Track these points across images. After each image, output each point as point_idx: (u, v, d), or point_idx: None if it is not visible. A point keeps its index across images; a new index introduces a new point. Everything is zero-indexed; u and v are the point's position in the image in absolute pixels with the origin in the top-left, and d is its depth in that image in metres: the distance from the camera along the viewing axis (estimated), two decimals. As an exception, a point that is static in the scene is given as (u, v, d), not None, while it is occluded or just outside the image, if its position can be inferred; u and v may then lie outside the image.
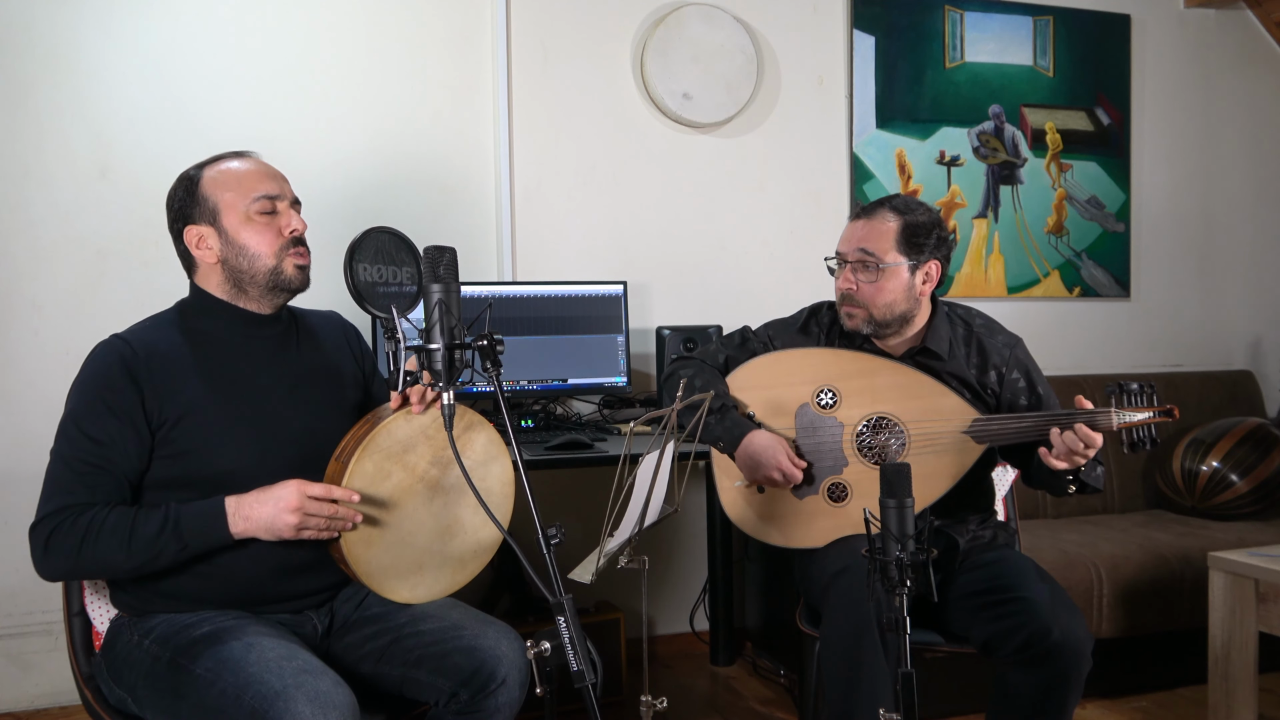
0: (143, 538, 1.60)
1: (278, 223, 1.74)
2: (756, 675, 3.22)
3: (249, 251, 1.73)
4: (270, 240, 1.73)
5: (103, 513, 1.61)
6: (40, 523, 1.62)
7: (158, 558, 1.61)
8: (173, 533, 1.60)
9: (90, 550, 1.59)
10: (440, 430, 1.70)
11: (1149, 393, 1.99)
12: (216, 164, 1.77)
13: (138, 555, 1.60)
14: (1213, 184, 4.10)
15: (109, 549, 1.59)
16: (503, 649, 1.71)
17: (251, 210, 1.72)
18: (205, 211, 1.73)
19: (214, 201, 1.73)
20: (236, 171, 1.76)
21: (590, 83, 3.32)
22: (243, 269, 1.74)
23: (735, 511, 2.19)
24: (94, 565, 1.63)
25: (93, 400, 1.65)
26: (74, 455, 1.64)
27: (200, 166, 1.77)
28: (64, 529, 1.60)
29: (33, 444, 2.81)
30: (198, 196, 1.73)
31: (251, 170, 1.76)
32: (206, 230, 1.73)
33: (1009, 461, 2.31)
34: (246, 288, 1.75)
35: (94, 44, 2.87)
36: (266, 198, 1.74)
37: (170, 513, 1.62)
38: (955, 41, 3.71)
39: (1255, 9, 4.07)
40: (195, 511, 1.62)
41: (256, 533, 1.63)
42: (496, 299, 2.99)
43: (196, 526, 1.62)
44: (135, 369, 1.66)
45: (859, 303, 2.13)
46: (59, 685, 2.87)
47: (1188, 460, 3.41)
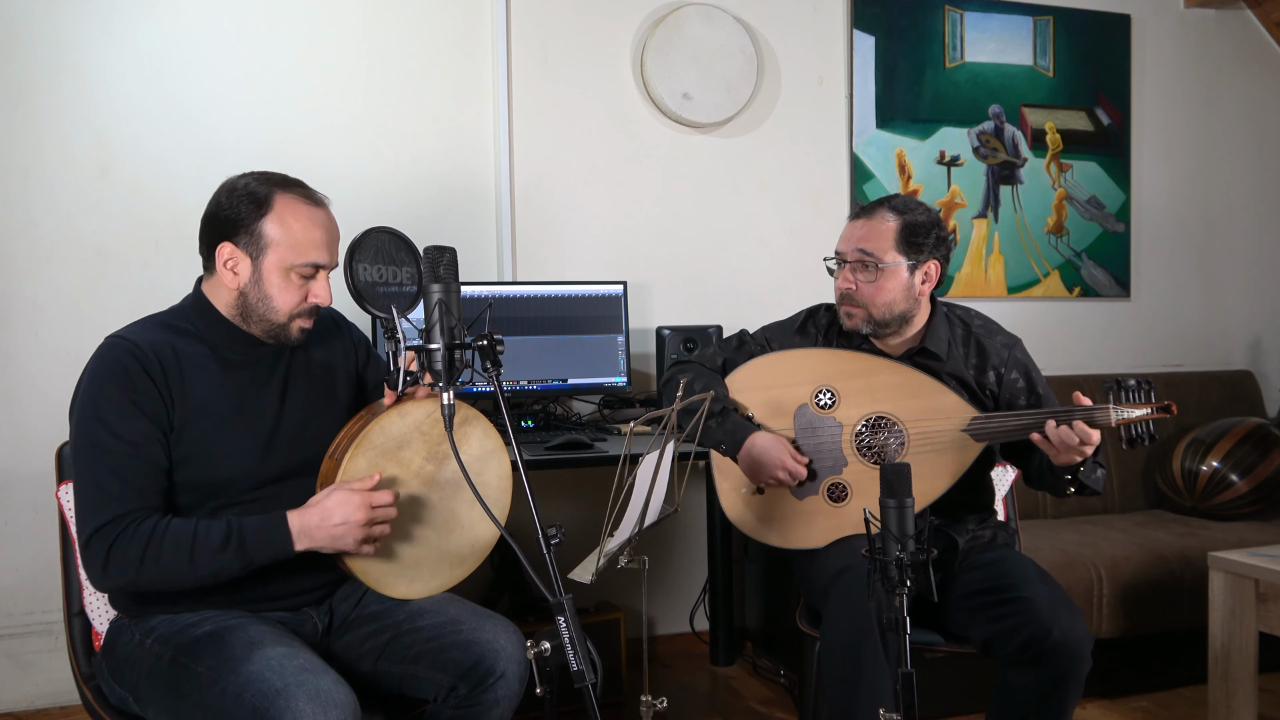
0: (207, 549, 1.57)
1: (310, 287, 1.71)
2: (756, 675, 3.22)
3: (270, 303, 1.70)
4: (294, 302, 1.70)
5: (163, 523, 1.58)
6: (97, 534, 1.57)
7: (221, 571, 1.59)
8: (236, 548, 1.58)
9: (154, 562, 1.56)
10: (435, 425, 1.70)
11: (1146, 389, 1.99)
12: (291, 196, 1.69)
13: (201, 567, 1.58)
14: (1213, 184, 4.10)
15: (173, 561, 1.57)
16: (501, 642, 1.71)
17: (295, 271, 1.68)
18: (253, 242, 1.67)
19: (267, 240, 1.67)
20: (306, 224, 1.68)
21: (590, 83, 3.32)
22: (255, 309, 1.71)
23: (735, 512, 2.19)
24: (157, 577, 1.59)
25: (119, 401, 1.62)
26: (114, 461, 1.60)
27: (272, 189, 1.68)
28: (124, 540, 1.56)
29: (33, 444, 2.82)
30: (256, 227, 1.66)
31: (319, 229, 1.69)
32: (243, 258, 1.68)
33: (1009, 461, 2.31)
34: (251, 322, 1.73)
35: (94, 44, 2.87)
36: (314, 266, 1.70)
37: (233, 527, 1.59)
38: (955, 41, 3.71)
39: (1255, 9, 4.07)
40: (258, 526, 1.60)
41: (319, 548, 1.61)
42: (496, 299, 2.99)
43: (260, 543, 1.59)
44: (150, 368, 1.65)
45: (858, 302, 2.14)
46: (59, 685, 2.87)
47: (1188, 460, 3.41)
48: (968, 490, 2.14)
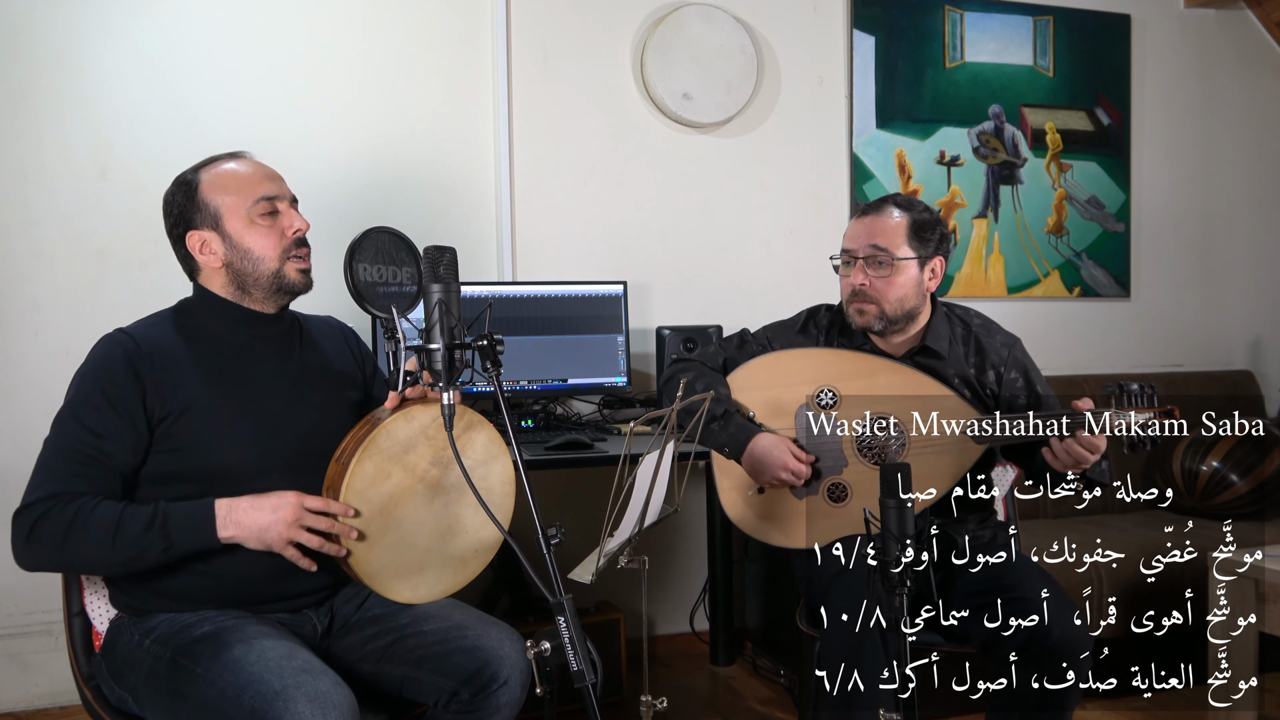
0: (129, 533, 1.57)
1: (280, 224, 1.74)
2: (756, 675, 3.22)
3: (254, 255, 1.72)
4: (274, 243, 1.73)
5: (90, 503, 1.58)
6: (25, 509, 1.59)
7: (142, 555, 1.58)
8: (160, 531, 1.58)
9: (75, 542, 1.56)
10: (440, 430, 1.70)
11: (1149, 393, 1.99)
12: (213, 166, 1.76)
13: (122, 551, 1.57)
14: (1213, 184, 4.09)
15: (94, 542, 1.56)
16: (505, 649, 1.71)
17: (254, 213, 1.72)
18: (207, 216, 1.72)
19: (215, 206, 1.72)
20: (235, 173, 1.75)
21: (590, 83, 3.32)
22: (247, 272, 1.73)
23: (735, 512, 2.19)
24: (77, 558, 1.59)
25: (92, 392, 1.64)
26: (69, 445, 1.62)
27: (196, 170, 1.76)
28: (50, 517, 1.57)
29: (33, 443, 2.77)
30: (198, 201, 1.72)
31: (250, 172, 1.76)
32: (210, 235, 1.73)
33: (1009, 460, 2.31)
34: (250, 289, 1.75)
35: (94, 44, 2.86)
36: (266, 199, 1.73)
37: (159, 510, 1.59)
38: (955, 41, 3.71)
39: (1255, 9, 4.07)
40: (184, 511, 1.60)
41: (244, 539, 1.60)
42: (496, 299, 2.99)
43: (184, 526, 1.59)
44: (139, 364, 1.66)
45: (871, 298, 2.13)
46: (59, 685, 2.87)
47: (1188, 460, 3.41)
48: (967, 490, 2.14)
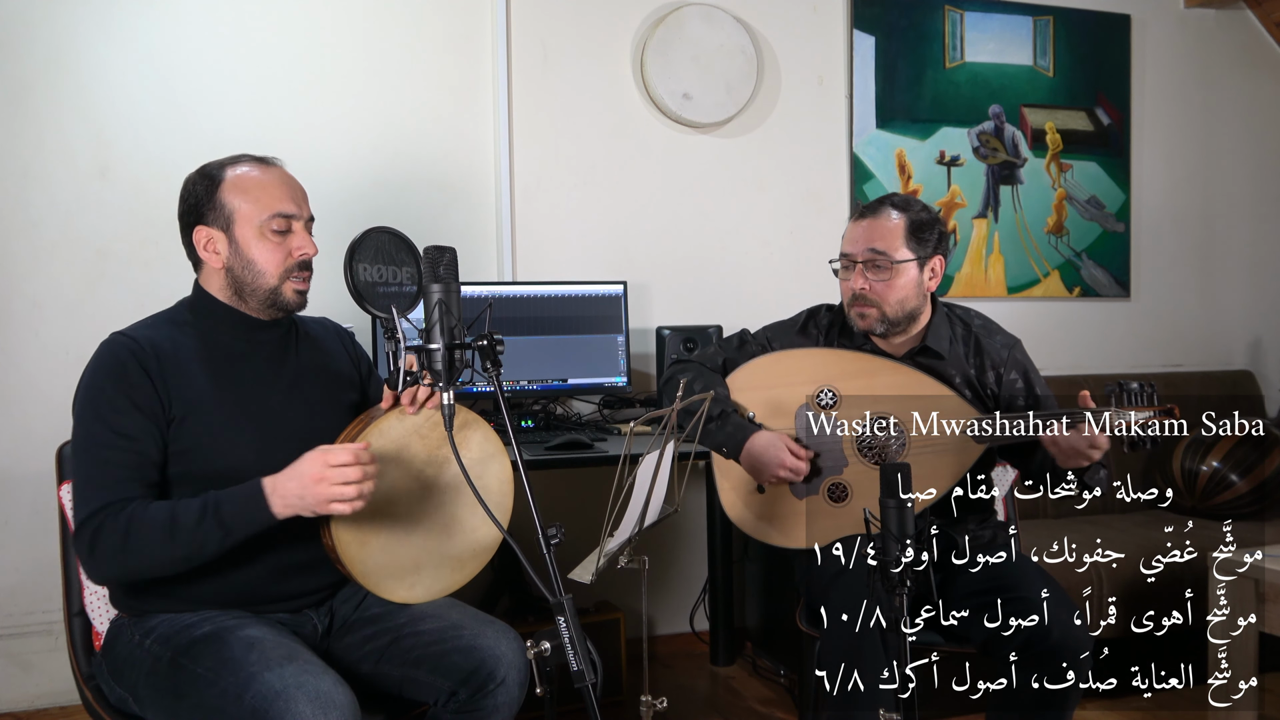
0: (184, 528, 1.56)
1: (289, 243, 1.72)
2: (756, 675, 3.22)
3: (255, 267, 1.71)
4: (278, 260, 1.72)
5: (141, 506, 1.58)
6: (82, 527, 1.59)
7: (203, 547, 1.57)
8: (214, 519, 1.56)
9: (136, 547, 1.56)
10: (434, 429, 1.70)
11: (1149, 393, 1.99)
12: (240, 166, 1.73)
13: (182, 546, 1.56)
14: (1213, 184, 4.09)
15: (153, 543, 1.56)
16: (502, 649, 1.71)
17: (266, 227, 1.70)
18: (220, 215, 1.71)
19: (231, 208, 1.70)
20: (260, 181, 1.72)
21: (590, 83, 3.32)
22: (246, 281, 1.72)
23: (735, 512, 2.19)
24: (141, 562, 1.59)
25: (115, 396, 1.63)
26: (105, 454, 1.61)
27: (223, 166, 1.73)
28: (106, 529, 1.57)
29: (33, 443, 2.82)
30: (216, 198, 1.70)
31: (275, 183, 1.73)
32: (217, 235, 1.71)
33: (1009, 461, 2.31)
34: (246, 297, 1.74)
35: (94, 44, 2.86)
36: (283, 216, 1.71)
37: (209, 500, 1.58)
38: (955, 41, 3.71)
39: (1255, 9, 4.07)
40: (234, 496, 1.58)
41: (298, 509, 1.57)
42: (496, 299, 2.99)
43: (238, 511, 1.58)
44: (147, 364, 1.66)
45: (872, 302, 2.13)
46: (59, 685, 2.86)
47: (1188, 460, 3.41)
48: (968, 490, 2.14)
